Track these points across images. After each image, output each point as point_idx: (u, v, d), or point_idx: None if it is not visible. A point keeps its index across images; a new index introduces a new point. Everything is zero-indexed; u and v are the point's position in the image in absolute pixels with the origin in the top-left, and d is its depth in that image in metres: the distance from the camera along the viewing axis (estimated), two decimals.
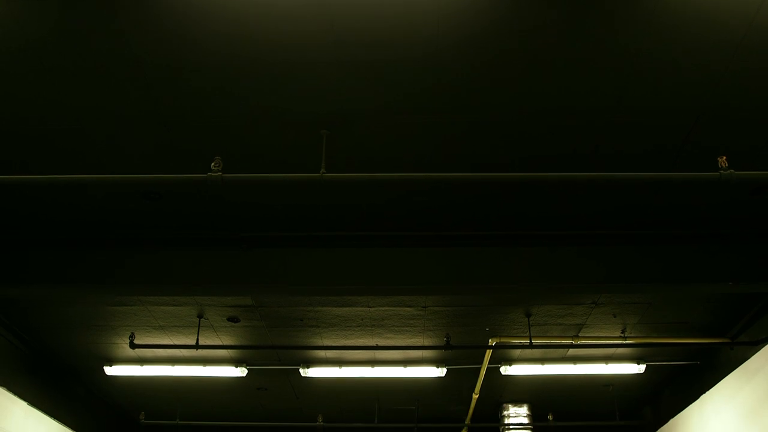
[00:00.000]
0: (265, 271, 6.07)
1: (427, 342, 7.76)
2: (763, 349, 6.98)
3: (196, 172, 4.45)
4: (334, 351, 7.95)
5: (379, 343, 7.72)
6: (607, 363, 8.20)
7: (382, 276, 6.01)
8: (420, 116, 4.59)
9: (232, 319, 7.24)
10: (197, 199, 5.51)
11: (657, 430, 9.63)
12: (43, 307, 7.11)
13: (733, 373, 7.59)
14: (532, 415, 9.92)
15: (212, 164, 4.31)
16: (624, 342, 7.62)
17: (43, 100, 4.47)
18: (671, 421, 9.17)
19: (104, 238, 6.05)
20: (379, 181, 4.43)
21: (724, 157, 4.38)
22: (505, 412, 9.92)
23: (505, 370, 8.10)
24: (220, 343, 7.77)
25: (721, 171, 4.33)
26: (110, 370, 8.25)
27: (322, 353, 8.03)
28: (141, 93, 4.41)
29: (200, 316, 7.18)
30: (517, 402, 9.91)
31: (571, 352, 8.05)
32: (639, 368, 8.21)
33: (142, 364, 8.19)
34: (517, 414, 9.91)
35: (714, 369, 8.02)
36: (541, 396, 9.59)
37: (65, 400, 8.81)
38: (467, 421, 10.05)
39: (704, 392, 8.23)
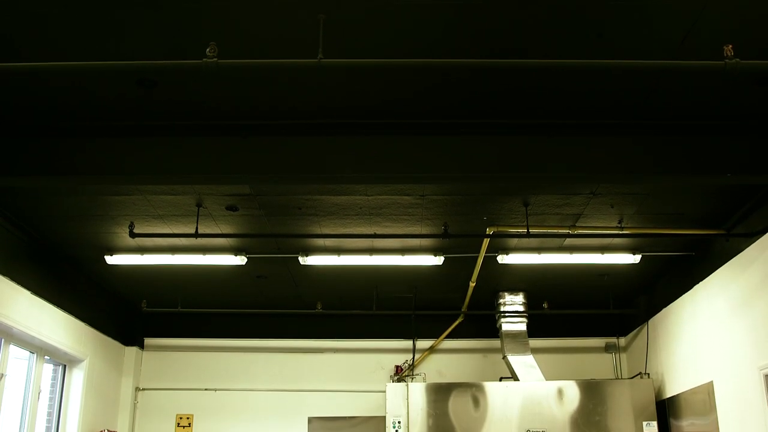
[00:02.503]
0: (263, 159, 6.04)
1: (424, 231, 7.80)
2: (758, 240, 7.03)
3: (191, 59, 4.34)
4: (333, 239, 8.01)
5: (378, 232, 7.77)
6: (603, 253, 8.27)
7: (381, 164, 5.99)
8: None
9: (231, 208, 7.26)
10: (193, 86, 5.43)
11: (650, 318, 9.83)
12: (41, 197, 7.11)
13: (727, 264, 7.68)
14: (528, 303, 10.10)
15: (207, 50, 4.23)
16: (620, 232, 7.68)
17: None
18: (664, 310, 9.34)
19: (101, 127, 5.99)
20: (377, 66, 4.36)
21: (730, 46, 4.29)
22: (502, 300, 10.10)
23: (502, 259, 8.19)
24: (219, 232, 7.82)
25: (726, 60, 4.25)
26: (111, 260, 8.33)
27: (320, 242, 8.09)
28: None
29: (199, 205, 7.20)
30: (514, 290, 10.07)
31: (568, 241, 8.11)
32: (634, 258, 8.29)
33: (142, 253, 8.26)
34: (513, 302, 10.09)
35: (708, 260, 8.11)
36: (536, 284, 9.73)
37: (68, 290, 8.94)
38: (464, 309, 10.25)
39: (698, 283, 8.35)
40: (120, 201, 7.11)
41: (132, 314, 10.76)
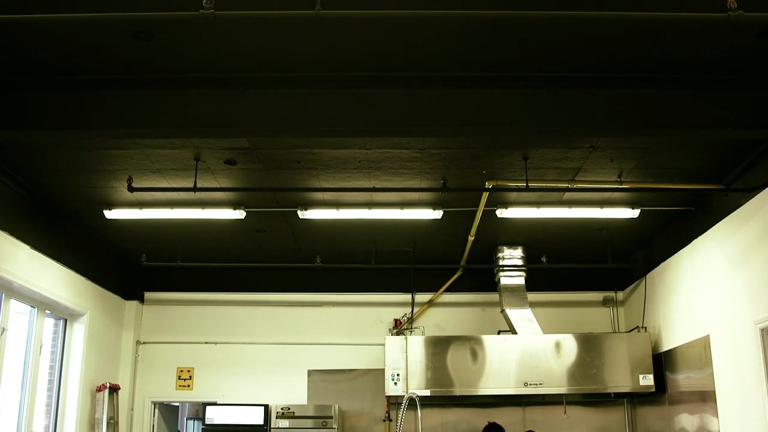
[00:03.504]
0: (262, 112, 6.00)
1: (424, 184, 7.79)
2: (757, 195, 7.02)
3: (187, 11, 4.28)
4: (332, 193, 7.99)
5: (377, 186, 7.75)
6: (602, 207, 8.28)
7: (380, 117, 5.96)
8: None
9: (229, 162, 7.23)
10: (190, 39, 5.37)
11: (648, 273, 9.86)
12: (38, 152, 7.07)
13: (725, 219, 7.68)
14: (526, 257, 10.13)
15: (204, 1, 4.17)
16: (620, 187, 7.67)
17: None
18: (662, 265, 9.37)
19: (97, 81, 5.93)
20: (376, 18, 4.31)
21: None
22: (500, 254, 10.13)
23: (501, 213, 8.18)
24: (218, 186, 7.80)
25: (729, 12, 4.19)
26: (110, 214, 8.32)
27: (319, 195, 8.08)
28: None
29: (197, 159, 7.17)
30: (512, 244, 10.09)
31: (567, 195, 8.10)
32: (633, 213, 8.30)
33: (141, 208, 8.25)
34: (512, 256, 10.11)
35: (707, 215, 8.11)
36: (535, 239, 9.75)
37: (67, 244, 8.95)
38: (463, 263, 10.27)
39: (696, 237, 8.36)
40: (117, 155, 7.08)
41: (132, 268, 10.79)
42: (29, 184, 7.84)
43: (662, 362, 9.41)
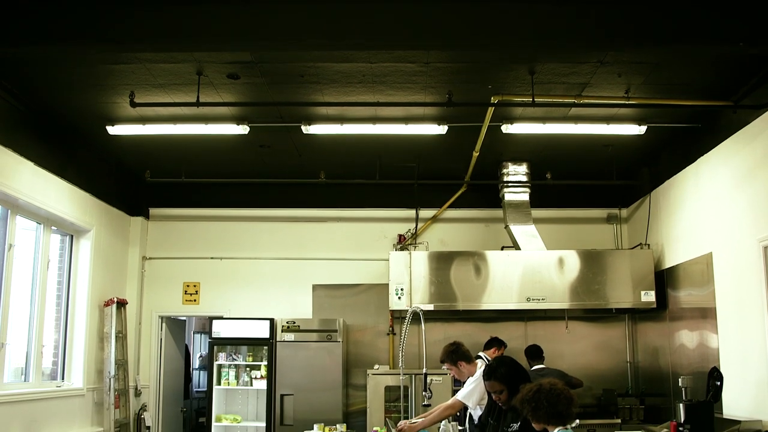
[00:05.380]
0: (264, 25, 5.90)
1: (428, 99, 7.70)
2: (765, 113, 6.95)
3: None
4: (336, 108, 7.92)
5: (381, 100, 7.67)
6: (608, 123, 8.20)
7: (385, 30, 5.85)
8: None
9: (232, 76, 7.14)
10: None
11: (653, 190, 9.85)
12: (40, 67, 7.00)
13: (732, 136, 7.61)
14: (531, 173, 10.10)
15: None
16: (627, 102, 7.58)
17: None
18: (667, 182, 9.35)
19: None
20: None
21: None
22: (505, 170, 10.10)
23: (506, 128, 8.11)
24: (221, 101, 7.73)
25: None
26: (113, 130, 8.26)
27: (323, 110, 8.01)
28: None
29: (199, 74, 7.07)
30: (517, 160, 10.04)
31: (573, 111, 8.02)
32: (640, 129, 8.22)
33: (144, 123, 8.19)
34: (516, 172, 10.08)
35: (714, 132, 8.04)
36: (540, 155, 9.70)
37: (71, 161, 8.93)
38: (467, 178, 10.25)
39: (702, 155, 8.31)
40: (119, 70, 6.99)
41: (136, 185, 10.79)
42: (31, 100, 7.77)
43: (664, 279, 9.48)
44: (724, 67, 6.95)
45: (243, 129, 8.11)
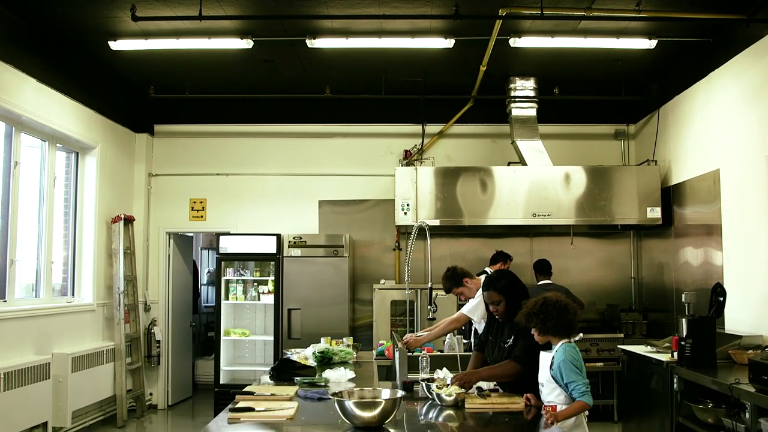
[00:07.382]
0: None
1: (435, 12, 7.55)
2: None
3: None
4: (341, 21, 7.77)
5: (387, 13, 7.51)
6: (618, 38, 8.05)
7: None
8: None
9: None
10: None
11: (662, 106, 9.74)
12: None
13: (744, 51, 7.48)
14: (539, 88, 9.98)
15: None
16: (638, 15, 7.42)
17: None
18: (676, 98, 9.24)
19: None
20: None
21: None
22: (512, 85, 9.98)
23: (514, 42, 7.98)
24: (224, 14, 7.59)
25: None
26: (115, 45, 8.15)
27: (328, 23, 7.87)
28: None
29: None
30: (524, 75, 9.92)
31: (583, 25, 7.87)
32: (650, 44, 8.08)
33: (146, 38, 8.08)
34: (524, 87, 9.97)
35: (726, 47, 7.89)
36: (548, 70, 9.57)
37: (74, 77, 8.84)
38: (474, 93, 10.15)
39: (713, 70, 8.18)
40: None
41: (140, 101, 10.72)
42: (33, 15, 7.64)
43: (670, 196, 9.47)
44: None
45: (247, 43, 8.00)
